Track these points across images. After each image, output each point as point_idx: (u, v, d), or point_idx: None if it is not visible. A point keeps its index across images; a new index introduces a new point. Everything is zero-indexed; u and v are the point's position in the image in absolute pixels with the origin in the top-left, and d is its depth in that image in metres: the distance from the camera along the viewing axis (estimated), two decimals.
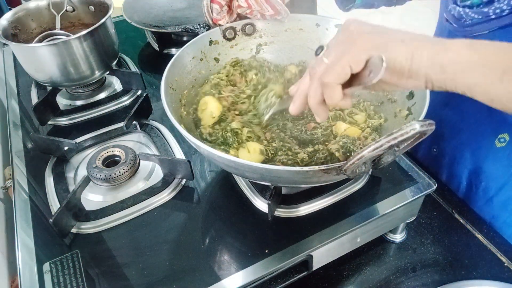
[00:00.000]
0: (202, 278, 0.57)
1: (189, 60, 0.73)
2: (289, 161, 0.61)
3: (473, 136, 0.76)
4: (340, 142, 0.60)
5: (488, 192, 0.77)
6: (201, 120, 0.69)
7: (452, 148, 0.82)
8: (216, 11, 0.74)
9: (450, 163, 0.84)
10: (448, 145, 0.83)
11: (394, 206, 0.65)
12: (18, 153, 0.82)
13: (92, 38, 0.87)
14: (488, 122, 0.72)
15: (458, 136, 0.79)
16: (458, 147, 0.81)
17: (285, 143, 0.64)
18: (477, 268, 0.68)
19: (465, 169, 0.80)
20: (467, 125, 0.77)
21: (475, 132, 0.75)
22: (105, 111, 0.92)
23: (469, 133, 0.77)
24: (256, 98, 0.71)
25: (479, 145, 0.76)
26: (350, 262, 0.71)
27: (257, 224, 0.64)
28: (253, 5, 0.72)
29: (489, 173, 0.76)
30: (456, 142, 0.81)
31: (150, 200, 0.69)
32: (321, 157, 0.61)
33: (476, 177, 0.79)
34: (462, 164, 0.81)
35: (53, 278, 0.59)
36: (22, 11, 0.95)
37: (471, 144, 0.77)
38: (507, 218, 0.75)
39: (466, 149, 0.79)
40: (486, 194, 0.77)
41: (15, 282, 0.79)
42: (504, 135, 0.70)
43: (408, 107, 0.63)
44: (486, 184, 0.77)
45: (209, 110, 0.68)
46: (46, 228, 0.66)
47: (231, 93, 0.71)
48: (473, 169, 0.78)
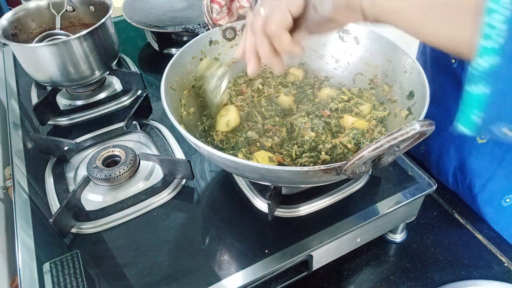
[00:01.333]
0: (202, 278, 0.57)
1: (189, 60, 0.73)
2: (310, 163, 0.61)
3: (456, 133, 0.77)
4: (350, 134, 0.62)
5: (473, 189, 0.78)
6: (217, 124, 0.69)
7: (438, 145, 0.83)
8: (216, 11, 0.74)
9: (437, 160, 0.85)
10: (434, 143, 0.84)
11: (394, 206, 0.65)
12: (18, 153, 0.82)
13: (92, 38, 0.87)
14: None
15: (443, 133, 0.80)
16: (443, 144, 0.81)
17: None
18: (477, 268, 0.68)
19: (451, 166, 0.81)
20: (450, 122, 0.77)
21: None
22: (105, 111, 0.92)
23: (452, 130, 0.77)
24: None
25: (462, 141, 0.76)
26: (350, 262, 0.71)
27: (257, 224, 0.64)
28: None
29: (473, 169, 0.76)
30: (442, 139, 0.81)
31: (150, 200, 0.69)
32: (339, 153, 0.61)
33: (461, 174, 0.79)
34: (448, 161, 0.81)
35: (53, 278, 0.59)
36: (22, 11, 0.95)
37: (455, 141, 0.78)
38: (493, 215, 0.75)
39: (451, 146, 0.79)
40: (471, 191, 0.78)
41: (15, 282, 0.79)
42: None
43: (408, 107, 0.63)
44: (471, 181, 0.77)
45: (227, 118, 0.68)
46: (46, 228, 0.66)
47: (242, 102, 0.72)
48: (458, 165, 0.79)
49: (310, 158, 0.62)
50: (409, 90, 0.63)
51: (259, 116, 0.71)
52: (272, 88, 0.76)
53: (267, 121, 0.71)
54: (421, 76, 0.60)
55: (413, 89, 0.63)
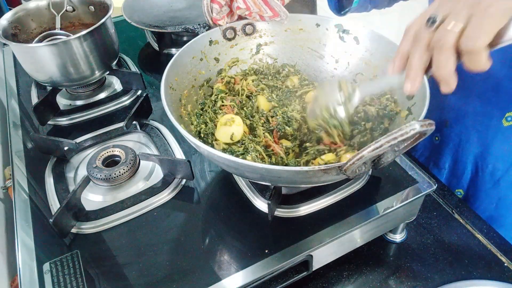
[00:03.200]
0: (202, 278, 0.57)
1: (189, 60, 0.73)
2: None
3: (479, 118, 0.77)
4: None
5: (495, 174, 0.77)
6: (217, 132, 0.66)
7: (457, 134, 0.83)
8: (216, 11, 0.74)
9: (455, 149, 0.84)
10: (453, 132, 0.83)
11: (394, 206, 0.65)
12: (18, 153, 0.82)
13: (92, 38, 0.87)
14: (495, 102, 0.72)
15: (463, 121, 0.80)
16: (463, 132, 0.81)
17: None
18: (477, 268, 0.68)
19: (471, 153, 0.80)
20: (473, 108, 0.77)
21: (481, 114, 0.76)
22: (105, 111, 0.92)
23: (474, 116, 0.78)
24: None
25: (486, 126, 0.76)
26: (350, 262, 0.71)
27: (257, 224, 0.64)
28: (252, 7, 0.72)
29: (497, 154, 0.76)
30: (461, 127, 0.81)
31: (150, 200, 0.69)
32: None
33: (483, 161, 0.79)
34: (468, 149, 0.81)
35: (53, 278, 0.59)
36: (22, 11, 0.95)
37: (477, 126, 0.77)
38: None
39: (472, 133, 0.79)
40: (493, 177, 0.78)
41: (15, 282, 0.79)
42: (511, 113, 0.70)
43: (408, 107, 0.63)
44: (494, 166, 0.77)
45: (232, 130, 0.64)
46: (46, 228, 0.66)
47: (232, 102, 0.72)
48: (480, 152, 0.79)
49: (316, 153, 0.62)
50: None
51: (261, 128, 0.69)
52: (264, 90, 0.75)
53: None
54: None
55: None
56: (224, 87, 0.75)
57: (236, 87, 0.76)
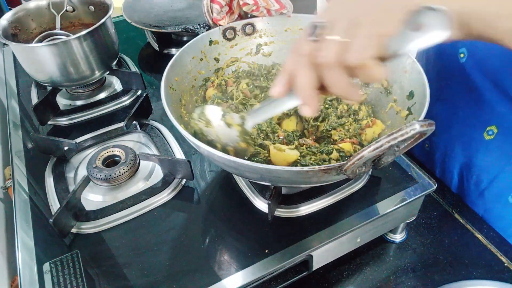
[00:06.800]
0: (202, 278, 0.57)
1: (189, 60, 0.73)
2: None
3: (463, 130, 0.77)
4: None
5: (480, 185, 0.77)
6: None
7: (444, 143, 0.83)
8: (216, 11, 0.74)
9: (442, 158, 0.84)
10: (440, 140, 0.84)
11: (394, 206, 0.65)
12: (18, 153, 0.82)
13: (92, 38, 0.87)
14: (477, 115, 0.72)
15: (449, 131, 0.80)
16: (449, 141, 0.81)
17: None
18: (477, 268, 0.68)
19: (457, 163, 0.81)
20: (457, 119, 0.77)
21: (465, 125, 0.76)
22: (105, 111, 0.92)
23: (459, 127, 0.77)
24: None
25: (469, 138, 0.76)
26: (350, 262, 0.71)
27: (257, 224, 0.64)
28: (259, 1, 0.72)
29: (480, 166, 0.76)
30: (447, 136, 0.81)
31: (150, 200, 0.69)
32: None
33: (467, 171, 0.79)
34: (454, 158, 0.81)
35: (53, 278, 0.59)
36: (22, 11, 0.95)
37: (462, 138, 0.77)
38: (500, 211, 0.75)
39: (457, 143, 0.79)
40: (478, 188, 0.78)
41: (15, 282, 0.79)
42: (492, 127, 0.70)
43: (408, 107, 0.63)
44: (478, 177, 0.77)
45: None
46: (46, 228, 0.66)
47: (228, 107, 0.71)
48: (465, 162, 0.79)
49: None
50: (409, 90, 0.63)
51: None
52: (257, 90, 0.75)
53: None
54: (421, 76, 0.60)
55: (413, 89, 0.62)
56: (215, 91, 0.74)
57: (228, 89, 0.75)
